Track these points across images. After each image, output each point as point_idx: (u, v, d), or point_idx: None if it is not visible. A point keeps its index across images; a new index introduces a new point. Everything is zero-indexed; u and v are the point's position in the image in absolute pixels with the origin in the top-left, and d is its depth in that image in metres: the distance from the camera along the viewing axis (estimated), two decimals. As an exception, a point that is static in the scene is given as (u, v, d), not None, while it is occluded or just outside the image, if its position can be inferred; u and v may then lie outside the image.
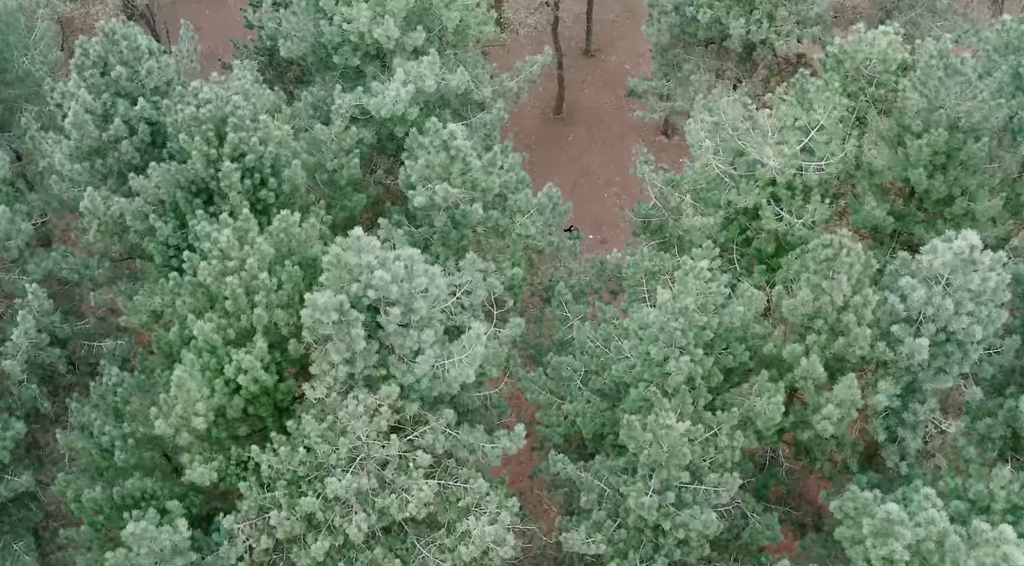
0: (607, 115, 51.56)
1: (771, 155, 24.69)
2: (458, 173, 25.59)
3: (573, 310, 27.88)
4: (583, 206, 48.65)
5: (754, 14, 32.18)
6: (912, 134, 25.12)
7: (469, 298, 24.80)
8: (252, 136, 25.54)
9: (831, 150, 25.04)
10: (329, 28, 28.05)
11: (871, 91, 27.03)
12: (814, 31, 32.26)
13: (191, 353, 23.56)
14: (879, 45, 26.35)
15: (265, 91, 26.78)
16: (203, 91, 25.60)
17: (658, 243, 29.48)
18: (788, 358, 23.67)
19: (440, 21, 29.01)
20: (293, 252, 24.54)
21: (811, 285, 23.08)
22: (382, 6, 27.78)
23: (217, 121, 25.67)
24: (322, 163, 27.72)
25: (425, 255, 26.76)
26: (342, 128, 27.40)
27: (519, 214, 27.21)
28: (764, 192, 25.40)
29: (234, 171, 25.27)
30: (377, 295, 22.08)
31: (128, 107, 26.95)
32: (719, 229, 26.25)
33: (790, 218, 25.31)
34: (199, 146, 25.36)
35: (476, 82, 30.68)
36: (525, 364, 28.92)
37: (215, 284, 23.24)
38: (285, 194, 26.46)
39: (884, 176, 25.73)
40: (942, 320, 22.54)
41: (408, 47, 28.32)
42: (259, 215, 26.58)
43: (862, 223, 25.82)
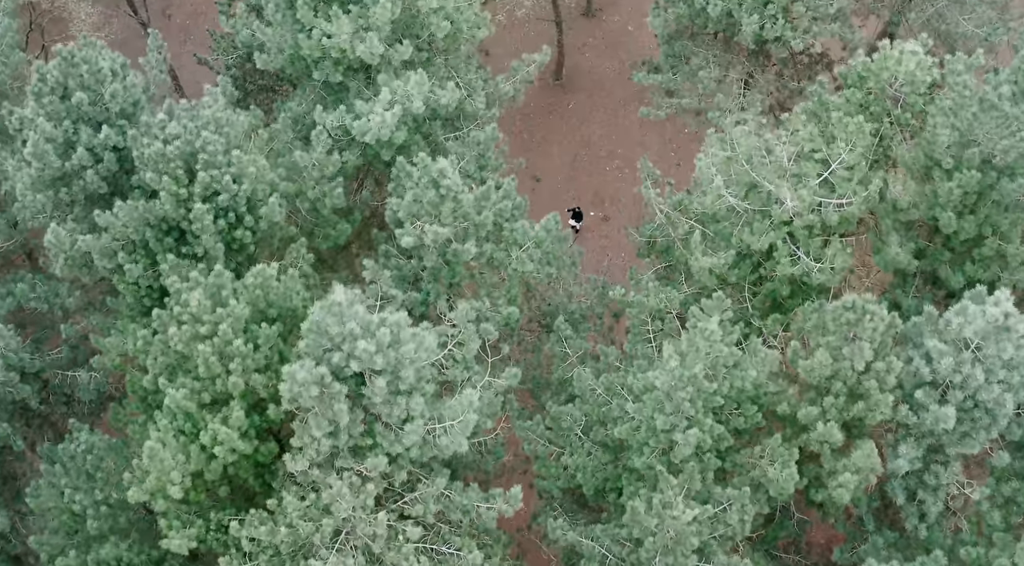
0: (608, 80, 49.09)
1: (789, 195, 22.74)
2: (449, 212, 23.69)
3: (573, 345, 26.23)
4: (584, 180, 46.67)
5: (768, 8, 29.74)
6: (942, 171, 23.12)
7: (462, 350, 23.18)
8: (224, 174, 23.57)
9: (853, 188, 23.09)
10: (308, 42, 25.79)
11: (896, 114, 24.91)
12: (833, 27, 29.87)
13: (164, 418, 22.04)
14: (906, 66, 24.15)
15: (239, 118, 24.63)
16: (170, 126, 23.53)
17: (664, 266, 27.68)
18: (803, 420, 22.13)
19: (429, 30, 26.72)
20: (272, 305, 22.81)
21: (830, 348, 21.41)
22: (365, 18, 25.48)
23: (187, 157, 23.68)
24: (303, 190, 25.74)
25: (414, 292, 25.19)
26: (323, 153, 25.35)
27: (515, 246, 25.35)
28: (779, 232, 23.52)
29: (206, 213, 23.37)
30: (361, 366, 20.48)
31: (92, 135, 24.88)
32: (730, 267, 24.43)
33: (807, 260, 23.49)
34: (167, 186, 23.42)
35: (469, 89, 28.48)
36: (521, 397, 27.41)
37: (186, 349, 21.56)
38: (263, 231, 24.59)
39: (910, 214, 23.81)
40: (971, 388, 20.93)
41: (394, 62, 26.10)
42: (236, 253, 24.80)
43: (884, 265, 23.99)
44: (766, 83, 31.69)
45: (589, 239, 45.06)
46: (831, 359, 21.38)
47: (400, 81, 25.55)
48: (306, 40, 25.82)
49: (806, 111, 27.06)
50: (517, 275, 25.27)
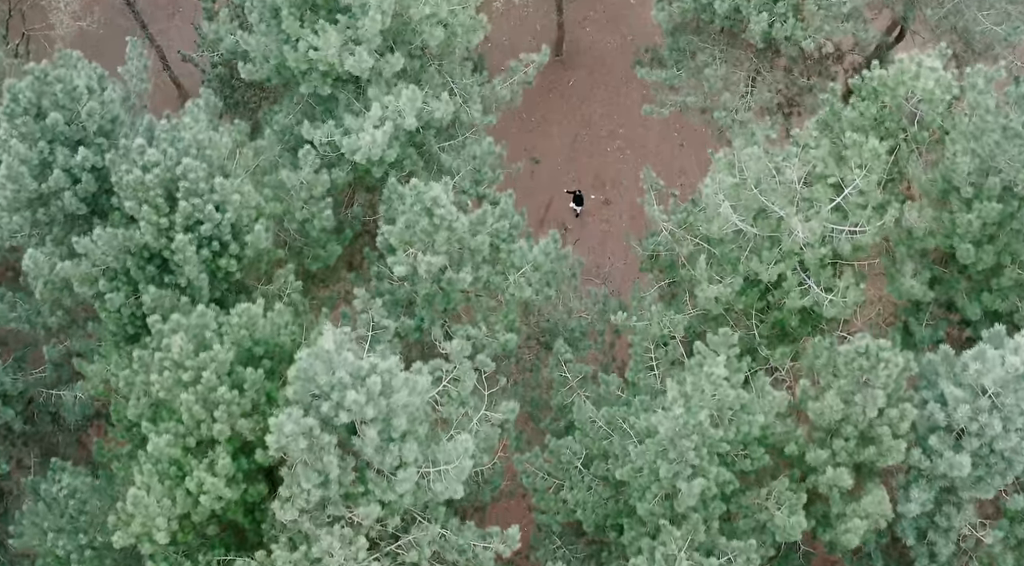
0: (610, 56, 47.55)
1: (800, 226, 21.65)
2: (443, 240, 22.61)
3: (573, 370, 25.31)
4: (584, 161, 45.38)
5: (778, 5, 28.31)
6: (961, 200, 22.00)
7: (458, 386, 22.28)
8: (207, 203, 22.44)
9: (867, 215, 21.99)
10: (294, 54, 24.49)
11: (913, 131, 23.71)
12: (846, 26, 28.44)
13: (148, 462, 21.21)
14: (924, 83, 22.89)
15: (222, 139, 23.41)
16: (149, 152, 22.34)
17: (668, 282, 26.66)
18: (812, 462, 21.30)
19: (421, 38, 25.39)
20: (258, 343, 21.85)
21: (841, 392, 20.51)
22: (354, 29, 24.15)
23: (167, 183, 22.55)
24: (291, 211, 24.62)
25: (407, 319, 24.23)
26: (311, 173, 24.19)
27: (512, 269, 24.30)
28: (789, 262, 22.47)
29: (188, 243, 22.31)
30: (351, 417, 19.61)
31: (68, 156, 23.73)
32: (737, 293, 23.40)
33: (817, 291, 22.48)
34: (147, 216, 22.32)
35: (464, 95, 27.21)
36: (519, 420, 26.55)
37: (168, 395, 20.66)
38: (249, 258, 23.54)
39: (926, 242, 22.73)
40: (987, 437, 20.08)
41: (385, 73, 24.81)
42: (220, 282, 23.78)
43: (898, 295, 22.99)
44: (774, 81, 30.35)
45: (590, 224, 43.95)
46: (842, 403, 20.49)
47: (391, 96, 24.30)
48: (292, 52, 24.53)
49: (817, 122, 25.89)
50: (515, 300, 24.27)
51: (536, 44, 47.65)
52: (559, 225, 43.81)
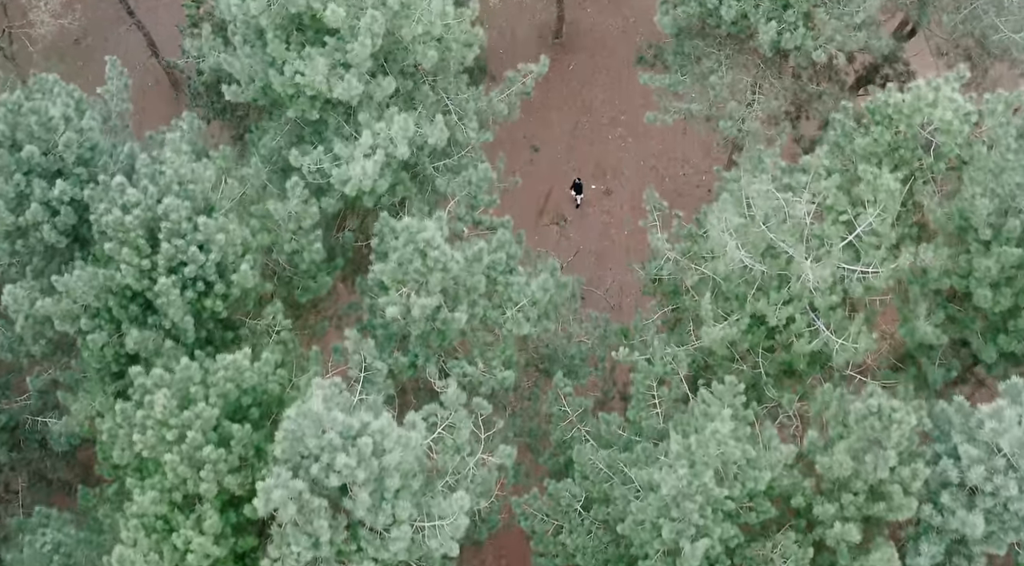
0: (611, 39, 46.13)
1: (810, 271, 20.70)
2: (437, 281, 21.68)
3: (573, 404, 24.52)
4: (585, 149, 44.19)
5: (787, 14, 27.03)
6: (979, 242, 21.03)
7: (453, 434, 21.51)
8: (190, 244, 21.48)
9: (880, 256, 21.04)
10: (280, 78, 23.34)
11: (929, 162, 22.66)
12: (859, 36, 27.16)
13: (133, 518, 20.51)
14: (942, 113, 21.78)
15: (206, 172, 22.33)
16: (129, 192, 21.32)
17: (672, 308, 25.77)
18: (820, 515, 20.60)
19: (414, 57, 24.21)
20: (246, 393, 21.04)
21: (851, 450, 19.73)
22: (342, 52, 22.98)
23: (148, 223, 21.58)
24: (279, 242, 23.65)
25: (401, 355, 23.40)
26: (300, 203, 23.18)
27: (510, 303, 23.40)
28: (798, 304, 21.55)
29: (171, 286, 21.40)
30: (341, 480, 18.87)
31: (46, 188, 22.75)
32: (744, 333, 22.52)
33: (826, 333, 21.60)
34: (128, 258, 21.39)
35: (460, 112, 26.08)
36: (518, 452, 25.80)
37: (152, 454, 19.89)
38: (235, 297, 22.62)
39: (941, 283, 21.80)
40: (1002, 498, 19.34)
41: (377, 97, 23.68)
42: (206, 321, 22.91)
43: (911, 337, 22.10)
44: (782, 88, 29.16)
45: (590, 215, 42.91)
46: (851, 460, 19.73)
47: (383, 122, 23.19)
48: (278, 76, 23.37)
49: (829, 144, 24.83)
50: (512, 336, 23.41)
51: (535, 27, 46.59)
52: (559, 215, 42.83)
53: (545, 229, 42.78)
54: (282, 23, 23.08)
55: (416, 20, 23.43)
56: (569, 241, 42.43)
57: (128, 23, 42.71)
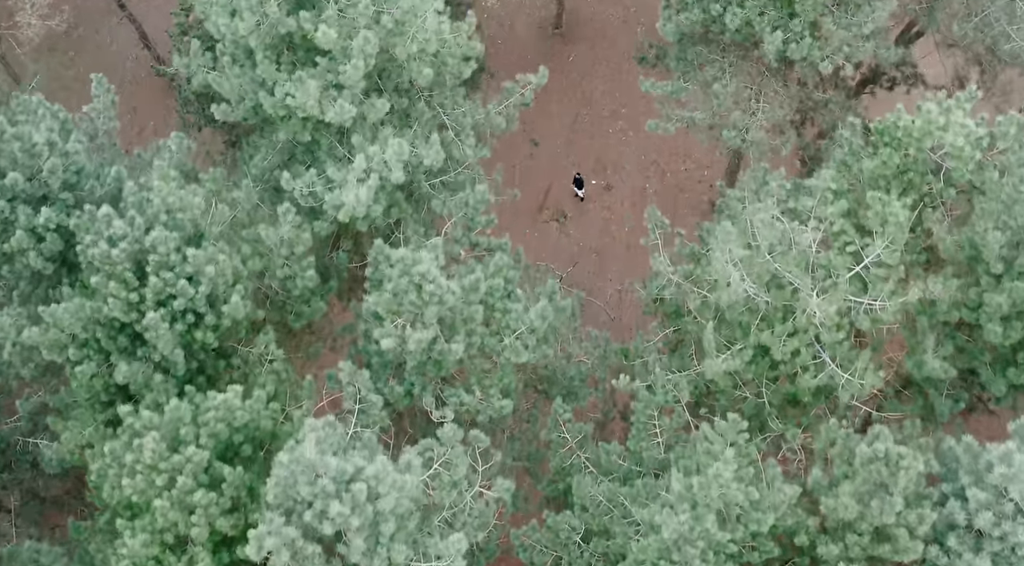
0: (612, 29, 45.25)
1: (817, 308, 20.14)
2: (433, 314, 21.13)
3: (572, 430, 24.05)
4: (585, 144, 43.44)
5: (793, 23, 26.24)
6: (990, 276, 20.45)
7: (450, 471, 21.06)
8: (179, 276, 20.91)
9: (888, 290, 20.47)
10: (270, 100, 22.65)
11: (939, 187, 22.02)
12: (867, 47, 26.39)
13: (123, 560, 20.11)
14: (954, 140, 21.10)
15: (195, 199, 21.69)
16: (116, 224, 20.71)
17: (673, 330, 25.23)
18: (824, 556, 20.21)
19: (409, 76, 23.51)
20: (238, 431, 20.57)
21: (856, 493, 19.28)
22: (335, 73, 22.27)
23: (136, 255, 21.00)
24: (271, 267, 23.08)
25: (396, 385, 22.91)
26: (292, 230, 22.58)
27: (508, 330, 22.86)
28: (803, 338, 21.01)
29: (160, 320, 20.86)
30: (335, 528, 18.45)
31: (31, 215, 22.14)
32: (747, 364, 22.01)
33: (832, 366, 21.08)
34: (115, 291, 20.83)
35: (457, 128, 25.40)
36: (515, 477, 25.42)
37: (142, 499, 19.46)
38: (226, 327, 22.09)
39: (950, 316, 21.25)
40: (1010, 543, 18.92)
41: (370, 119, 23.01)
42: (197, 352, 22.39)
43: (919, 371, 21.58)
44: (788, 97, 28.42)
45: (591, 211, 42.25)
46: (857, 503, 19.29)
47: (377, 145, 22.52)
48: (268, 98, 22.67)
49: (835, 161, 24.19)
50: (510, 364, 22.90)
51: (535, 16, 45.61)
52: (559, 211, 42.17)
53: (545, 225, 42.16)
54: (272, 43, 22.36)
55: (411, 38, 22.70)
56: (569, 238, 41.82)
57: (119, 16, 41.91)
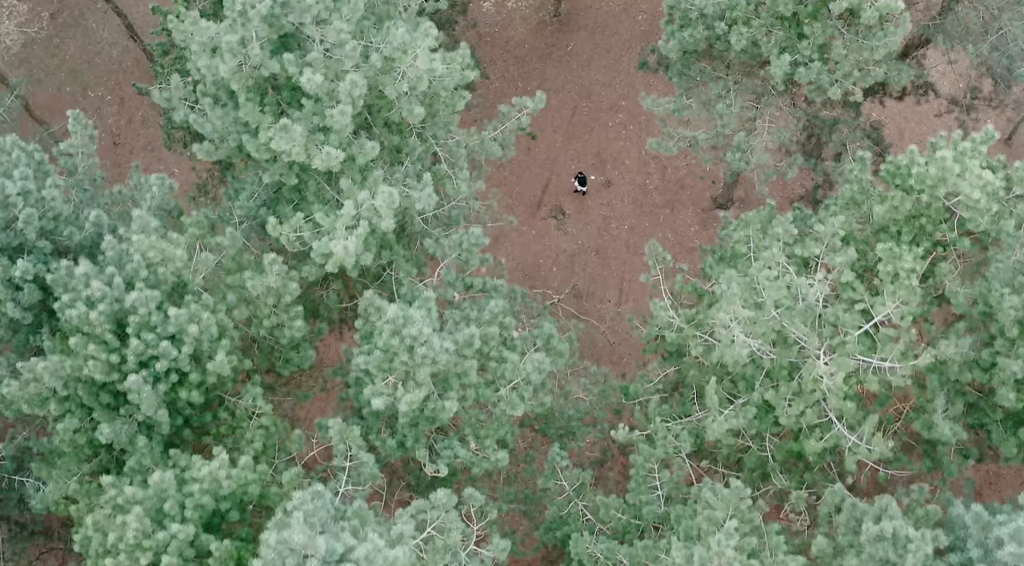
0: (612, 18, 43.89)
1: (825, 374, 19.37)
2: (425, 375, 20.38)
3: (569, 477, 23.42)
4: (584, 138, 42.34)
5: (802, 45, 25.10)
6: (1005, 339, 19.64)
7: (444, 536, 20.45)
8: (162, 338, 20.11)
9: (899, 351, 19.69)
10: (254, 143, 21.65)
11: (953, 236, 21.12)
12: (878, 72, 25.26)
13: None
14: (971, 192, 20.15)
15: (178, 251, 20.79)
16: (94, 284, 19.84)
17: (674, 370, 24.50)
18: (828, 624, 19.72)
19: (399, 114, 22.48)
20: (225, 499, 19.92)
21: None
22: (321, 115, 21.24)
23: (116, 316, 20.18)
24: (258, 316, 22.27)
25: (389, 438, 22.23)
26: (279, 279, 21.72)
27: (503, 380, 22.13)
28: (809, 398, 20.27)
29: (143, 382, 20.11)
30: (326, 608, 17.91)
31: (7, 266, 21.27)
32: (751, 419, 21.31)
33: (840, 427, 20.37)
34: (95, 354, 20.05)
35: (451, 160, 24.42)
36: (513, 520, 24.89)
37: (127, 574, 18.87)
38: (211, 385, 21.34)
39: (962, 376, 20.48)
40: (1021, 623, 18.37)
41: (360, 161, 22.03)
42: (182, 408, 21.67)
43: (927, 431, 20.87)
44: (795, 118, 27.36)
45: (590, 208, 41.27)
46: (864, 579, 18.74)
47: (366, 191, 21.57)
48: (252, 141, 21.68)
49: (843, 200, 23.27)
50: (506, 416, 22.19)
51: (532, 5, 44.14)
52: (557, 208, 41.21)
53: (542, 223, 41.24)
54: (255, 85, 21.30)
55: (401, 76, 21.64)
56: (568, 236, 40.92)
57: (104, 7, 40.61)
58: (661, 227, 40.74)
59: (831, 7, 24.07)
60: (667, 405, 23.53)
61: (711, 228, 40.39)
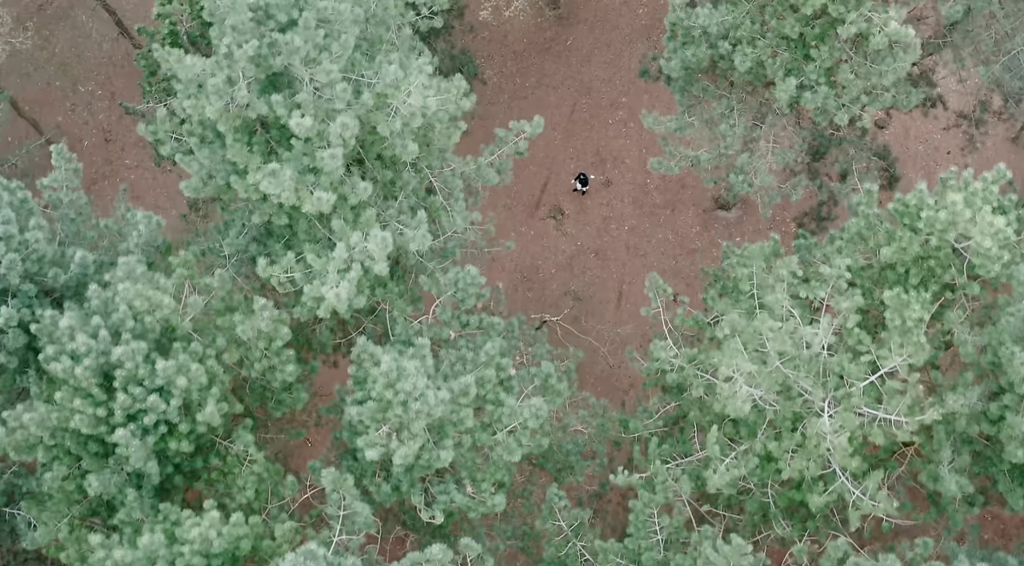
0: (613, 11, 42.88)
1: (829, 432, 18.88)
2: (420, 426, 19.90)
3: (568, 518, 23.04)
4: (584, 136, 41.57)
5: (809, 67, 24.34)
6: (1015, 395, 19.14)
7: (440, 588, 20.10)
8: (149, 391, 19.60)
9: (905, 405, 19.20)
10: (242, 183, 21.00)
11: (963, 281, 20.54)
12: (886, 97, 24.51)
13: None
14: (982, 241, 19.53)
15: (164, 299, 20.21)
16: (79, 338, 19.27)
17: (675, 405, 24.03)
18: None
19: (392, 151, 21.81)
20: (217, 556, 19.52)
21: (867, 634, 18.38)
22: (311, 155, 20.57)
23: (102, 369, 19.65)
24: (249, 359, 21.74)
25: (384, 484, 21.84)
26: (270, 323, 21.16)
27: (500, 424, 21.66)
28: (813, 451, 19.80)
29: (131, 436, 19.63)
30: None
31: (-10, 313, 20.73)
32: (753, 468, 20.86)
33: (843, 480, 19.92)
34: (81, 409, 19.56)
35: (445, 191, 23.77)
36: (510, 556, 24.56)
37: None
38: (201, 434, 20.87)
39: (970, 429, 20.01)
40: None
41: (352, 201, 21.39)
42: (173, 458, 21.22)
43: (932, 483, 20.43)
44: (800, 139, 26.64)
45: (590, 208, 40.61)
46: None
47: (359, 232, 20.96)
48: (240, 181, 21.02)
49: (850, 234, 22.67)
50: (503, 461, 21.75)
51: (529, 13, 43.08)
52: (556, 208, 40.55)
53: (541, 223, 40.61)
54: (243, 126, 20.60)
55: (394, 114, 20.93)
56: (567, 237, 40.30)
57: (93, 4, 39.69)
58: (662, 227, 40.11)
59: (839, 31, 23.33)
60: (667, 444, 23.08)
61: (713, 229, 39.76)
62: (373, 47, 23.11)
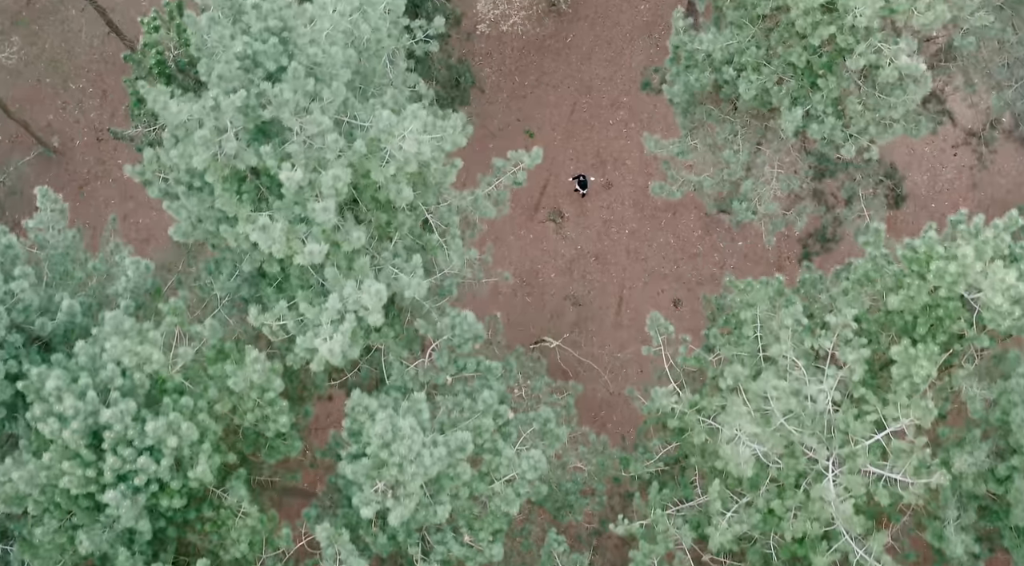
0: (614, 7, 41.93)
1: (835, 505, 18.48)
2: (416, 486, 19.50)
3: (567, 562, 22.74)
4: (584, 136, 40.83)
5: (816, 97, 23.64)
6: (1021, 455, 18.72)
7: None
8: (139, 451, 19.18)
9: (912, 465, 18.78)
10: (231, 232, 20.42)
11: (972, 334, 20.03)
12: (895, 128, 23.82)
13: None
14: (992, 297, 18.99)
15: (153, 353, 19.73)
16: (67, 400, 18.81)
17: (676, 445, 23.63)
18: None
19: (386, 195, 21.18)
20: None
21: None
22: (302, 205, 19.98)
23: (91, 429, 19.21)
24: (241, 409, 21.30)
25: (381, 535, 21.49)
26: (262, 374, 20.69)
27: (497, 474, 21.27)
28: (817, 510, 19.42)
29: (121, 496, 19.24)
30: None
31: (-25, 365, 20.27)
32: (756, 523, 20.49)
33: (849, 541, 19.55)
34: (71, 471, 19.14)
35: (441, 227, 23.19)
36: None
37: None
38: (194, 490, 20.49)
39: (977, 488, 19.61)
40: None
41: (345, 248, 20.82)
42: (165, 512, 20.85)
43: (937, 540, 20.06)
44: (806, 166, 25.98)
45: (590, 211, 39.98)
46: None
47: (352, 281, 20.41)
48: (229, 230, 20.44)
49: (856, 276, 22.13)
50: (501, 511, 21.38)
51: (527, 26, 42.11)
52: (555, 211, 39.92)
53: (540, 226, 40.03)
54: (232, 175, 19.98)
55: (387, 160, 20.31)
56: (567, 240, 39.73)
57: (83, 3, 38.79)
58: (663, 231, 39.52)
59: (848, 62, 22.61)
60: (667, 488, 22.72)
61: (714, 233, 39.14)
62: (366, 81, 22.44)
